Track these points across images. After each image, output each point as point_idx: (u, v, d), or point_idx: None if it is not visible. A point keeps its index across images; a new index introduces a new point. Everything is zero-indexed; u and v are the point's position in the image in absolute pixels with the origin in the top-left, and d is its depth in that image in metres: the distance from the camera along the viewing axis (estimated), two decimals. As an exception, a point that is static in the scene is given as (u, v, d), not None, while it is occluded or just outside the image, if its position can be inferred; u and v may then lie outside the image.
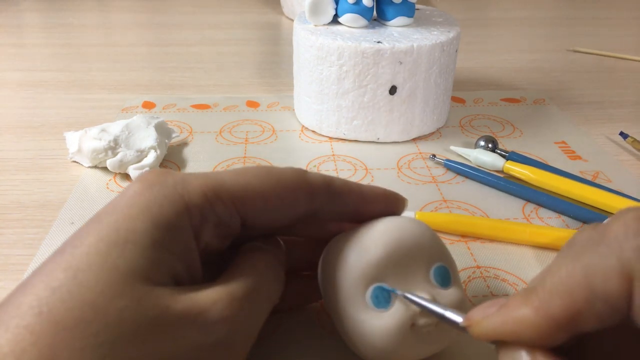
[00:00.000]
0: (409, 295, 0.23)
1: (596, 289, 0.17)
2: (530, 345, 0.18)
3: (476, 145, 0.44)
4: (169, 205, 0.20)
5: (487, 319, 0.19)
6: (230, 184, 0.22)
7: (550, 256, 0.34)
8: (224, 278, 0.21)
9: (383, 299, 0.23)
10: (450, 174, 0.42)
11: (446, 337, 0.24)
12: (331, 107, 0.45)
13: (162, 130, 0.43)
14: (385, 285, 0.23)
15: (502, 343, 0.19)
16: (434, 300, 0.23)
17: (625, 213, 0.18)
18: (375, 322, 0.23)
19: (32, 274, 0.19)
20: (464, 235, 0.35)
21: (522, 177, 0.40)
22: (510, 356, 0.19)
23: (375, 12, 0.47)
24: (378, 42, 0.42)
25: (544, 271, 0.19)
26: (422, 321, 0.23)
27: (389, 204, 0.26)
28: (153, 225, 0.20)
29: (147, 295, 0.18)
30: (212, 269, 0.23)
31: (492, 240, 0.35)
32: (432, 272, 0.24)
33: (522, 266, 0.33)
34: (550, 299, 0.18)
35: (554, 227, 0.36)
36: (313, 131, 0.48)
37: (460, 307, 0.24)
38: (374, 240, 0.24)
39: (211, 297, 0.20)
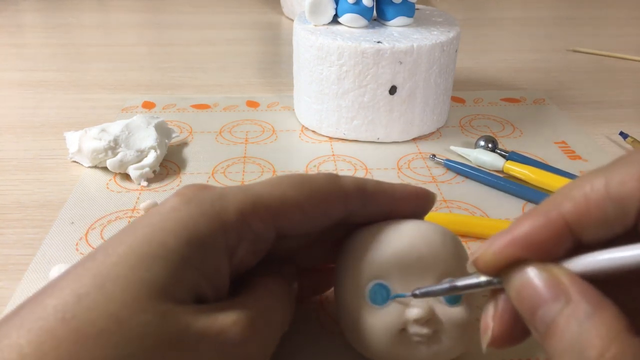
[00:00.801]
0: (418, 291, 0.22)
1: (610, 192, 0.17)
2: (537, 258, 0.18)
3: (476, 145, 0.44)
4: (204, 223, 0.20)
5: (494, 242, 0.19)
6: (267, 197, 0.22)
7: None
8: (241, 300, 0.21)
9: (380, 296, 0.23)
10: (450, 174, 0.42)
11: (438, 356, 0.24)
12: (331, 107, 0.45)
13: (162, 130, 0.43)
14: (386, 284, 0.23)
15: (506, 272, 0.19)
16: (430, 313, 0.23)
17: None
18: (367, 317, 0.23)
19: (61, 276, 0.19)
20: (464, 236, 0.35)
21: (522, 177, 0.40)
22: (519, 278, 0.18)
23: (375, 12, 0.47)
24: (378, 42, 0.42)
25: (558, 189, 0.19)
26: (413, 329, 0.23)
27: (419, 202, 0.26)
28: (185, 242, 0.20)
29: (169, 312, 0.19)
30: (238, 283, 0.23)
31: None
32: None
33: (522, 266, 0.33)
34: (561, 202, 0.18)
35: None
36: (313, 131, 0.48)
37: (461, 328, 0.23)
38: (388, 239, 0.24)
39: (230, 318, 0.20)
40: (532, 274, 0.18)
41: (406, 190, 0.26)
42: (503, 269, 0.19)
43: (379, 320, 0.23)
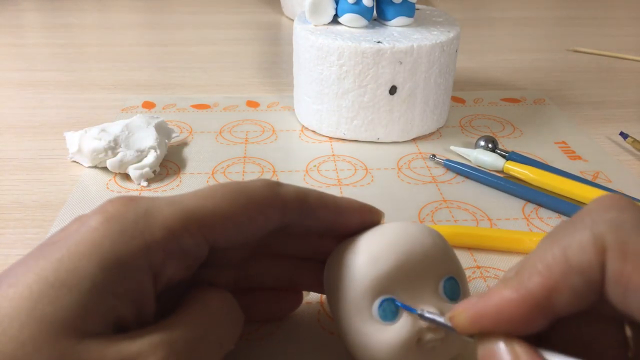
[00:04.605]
0: (427, 314, 0.22)
1: (572, 263, 0.17)
2: (510, 332, 0.18)
3: (476, 145, 0.44)
4: (124, 243, 0.19)
5: (469, 308, 0.19)
6: (199, 212, 0.21)
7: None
8: (167, 322, 0.20)
9: (390, 312, 0.23)
10: (450, 174, 0.42)
11: (450, 352, 0.24)
12: (331, 107, 0.45)
13: (162, 130, 0.43)
14: (393, 297, 0.23)
15: (481, 335, 0.19)
16: (443, 314, 0.22)
17: (600, 195, 0.19)
18: (380, 335, 0.22)
19: None
20: (470, 248, 0.34)
21: (522, 177, 0.40)
22: (488, 347, 0.18)
23: (375, 12, 0.47)
24: (378, 42, 0.42)
25: (522, 260, 0.19)
26: (428, 336, 0.22)
27: (364, 218, 0.25)
28: (99, 266, 0.18)
29: (71, 350, 0.17)
30: (175, 298, 0.22)
31: (496, 250, 0.34)
32: (441, 284, 0.23)
33: (522, 266, 0.33)
34: (529, 278, 0.18)
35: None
36: (313, 131, 0.48)
37: None
38: (384, 250, 0.23)
39: (146, 346, 0.18)
40: (498, 347, 0.18)
41: (351, 205, 0.25)
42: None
43: (394, 337, 0.22)
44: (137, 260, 0.19)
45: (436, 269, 0.23)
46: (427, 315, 0.22)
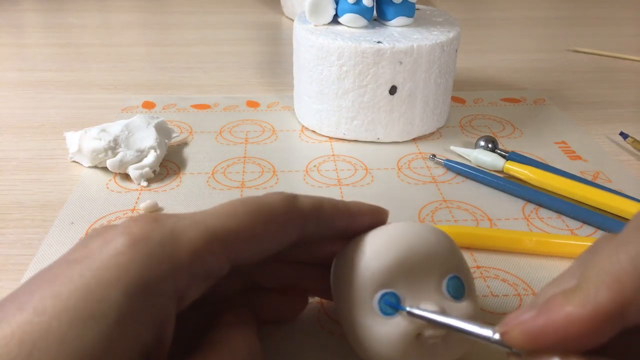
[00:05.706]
0: (416, 311, 0.22)
1: None
2: (574, 348, 0.17)
3: (476, 145, 0.44)
4: (151, 268, 0.19)
5: (524, 323, 0.18)
6: (223, 232, 0.21)
7: (551, 258, 0.34)
8: None
9: (390, 305, 0.23)
10: (450, 174, 0.42)
11: (453, 352, 0.24)
12: (331, 107, 0.45)
13: (162, 130, 0.43)
14: (394, 292, 0.23)
15: (532, 351, 0.18)
16: (443, 312, 0.22)
17: None
18: (380, 328, 0.23)
19: None
20: (470, 248, 0.34)
21: (522, 177, 0.40)
22: None
23: (375, 12, 0.47)
24: (378, 42, 0.42)
25: (578, 267, 0.18)
26: (428, 332, 0.22)
27: (374, 218, 0.26)
28: (126, 294, 0.18)
29: None
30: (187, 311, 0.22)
31: (497, 251, 0.34)
32: (445, 282, 0.23)
33: (522, 266, 0.33)
34: (597, 292, 0.16)
35: (559, 235, 0.35)
36: (313, 131, 0.48)
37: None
38: (386, 245, 0.23)
39: None
40: None
41: (361, 207, 0.25)
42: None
43: (393, 330, 0.23)
44: (163, 286, 0.19)
45: (440, 267, 0.23)
46: (416, 311, 0.22)
